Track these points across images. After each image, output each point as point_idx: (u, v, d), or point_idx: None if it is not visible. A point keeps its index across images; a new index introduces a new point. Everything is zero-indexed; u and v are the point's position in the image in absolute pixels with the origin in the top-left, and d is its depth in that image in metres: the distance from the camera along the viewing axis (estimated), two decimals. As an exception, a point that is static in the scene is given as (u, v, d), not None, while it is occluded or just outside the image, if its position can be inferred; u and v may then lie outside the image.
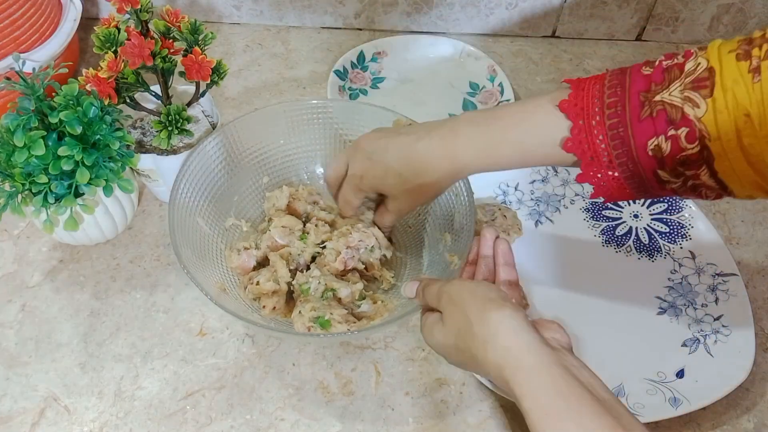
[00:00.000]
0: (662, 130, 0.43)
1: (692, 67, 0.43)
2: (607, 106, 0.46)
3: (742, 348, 0.61)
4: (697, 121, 0.42)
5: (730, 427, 0.59)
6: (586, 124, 0.47)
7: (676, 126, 0.43)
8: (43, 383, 0.60)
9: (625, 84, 0.46)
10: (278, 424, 0.58)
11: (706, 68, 0.42)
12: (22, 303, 0.65)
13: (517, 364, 0.41)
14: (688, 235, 0.71)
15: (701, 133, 0.42)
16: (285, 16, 0.95)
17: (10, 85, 0.55)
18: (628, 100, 0.45)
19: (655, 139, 0.44)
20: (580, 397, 0.39)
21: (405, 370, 0.62)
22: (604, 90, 0.46)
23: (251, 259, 0.63)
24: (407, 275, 0.64)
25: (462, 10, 0.92)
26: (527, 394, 0.40)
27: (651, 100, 0.44)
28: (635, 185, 0.47)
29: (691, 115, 0.42)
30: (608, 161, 0.46)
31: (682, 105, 0.42)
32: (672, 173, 0.45)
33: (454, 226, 0.62)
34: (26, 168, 0.56)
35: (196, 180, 0.63)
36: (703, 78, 0.42)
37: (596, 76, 0.48)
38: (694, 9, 0.91)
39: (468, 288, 0.47)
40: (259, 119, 0.66)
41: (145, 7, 0.59)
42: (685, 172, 0.44)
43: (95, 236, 0.66)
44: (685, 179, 0.44)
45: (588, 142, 0.47)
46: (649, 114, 0.44)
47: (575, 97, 0.48)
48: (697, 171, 0.44)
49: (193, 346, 0.63)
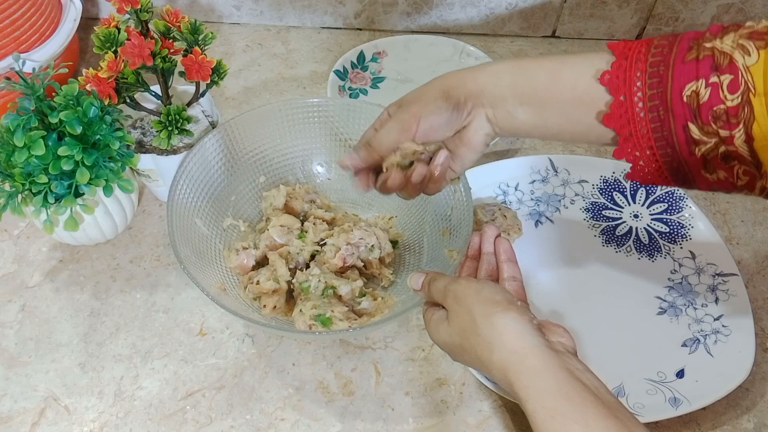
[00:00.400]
0: (704, 74, 0.40)
1: (753, 23, 0.40)
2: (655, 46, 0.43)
3: (742, 348, 0.61)
4: (744, 70, 0.39)
5: (730, 427, 0.59)
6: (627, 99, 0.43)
7: (720, 71, 0.40)
8: (43, 383, 0.60)
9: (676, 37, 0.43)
10: (278, 424, 0.58)
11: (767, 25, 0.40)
12: (22, 303, 0.65)
13: (522, 367, 0.41)
14: (688, 235, 0.71)
15: (746, 85, 0.39)
16: (285, 16, 0.95)
17: (10, 85, 0.55)
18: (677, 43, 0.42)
19: (695, 83, 0.40)
20: (585, 400, 0.39)
21: (405, 370, 0.62)
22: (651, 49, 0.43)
23: (250, 259, 0.63)
24: (407, 272, 0.64)
25: (462, 10, 0.92)
26: (531, 396, 0.40)
27: (701, 45, 0.41)
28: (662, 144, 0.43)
29: (740, 62, 0.39)
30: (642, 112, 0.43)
31: (732, 52, 0.39)
32: (704, 129, 0.41)
33: (452, 222, 0.62)
34: (26, 168, 0.56)
35: (195, 179, 0.63)
36: (762, 32, 0.39)
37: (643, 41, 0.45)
38: (694, 9, 0.91)
39: (474, 288, 0.47)
40: (257, 117, 0.66)
41: (145, 7, 0.59)
42: (719, 131, 0.41)
43: (95, 236, 0.66)
44: (717, 142, 0.41)
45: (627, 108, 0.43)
46: (695, 57, 0.41)
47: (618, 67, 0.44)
48: (732, 132, 0.40)
49: (193, 346, 0.63)
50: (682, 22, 0.92)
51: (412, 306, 0.54)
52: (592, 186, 0.75)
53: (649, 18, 0.93)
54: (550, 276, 0.68)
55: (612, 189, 0.75)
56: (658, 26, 0.94)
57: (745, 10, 0.90)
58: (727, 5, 0.90)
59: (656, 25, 0.94)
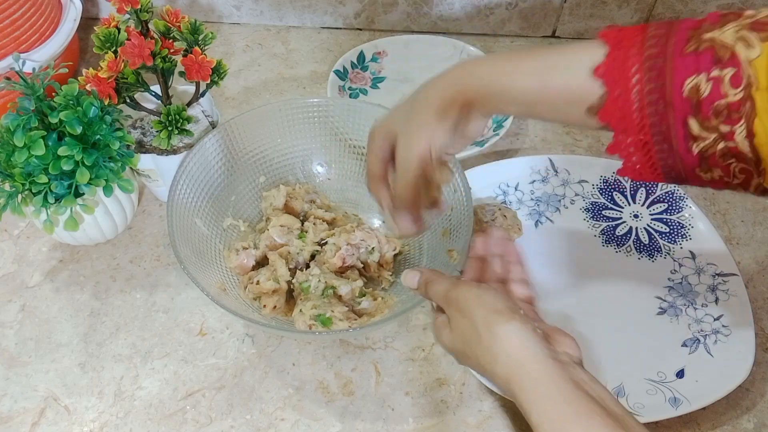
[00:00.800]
0: (705, 68, 0.39)
1: (753, 13, 0.39)
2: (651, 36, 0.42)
3: (742, 348, 0.61)
4: (747, 63, 0.37)
5: (730, 427, 0.59)
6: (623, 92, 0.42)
7: (722, 65, 0.38)
8: (43, 383, 0.60)
9: (673, 25, 0.42)
10: (278, 423, 0.58)
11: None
12: (22, 303, 0.65)
13: (526, 378, 0.41)
14: (688, 235, 0.71)
15: (749, 79, 0.38)
16: (285, 16, 0.95)
17: (10, 85, 0.55)
18: (675, 33, 0.41)
19: (696, 77, 0.39)
20: (591, 411, 0.39)
21: (405, 370, 0.62)
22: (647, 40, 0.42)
23: (250, 259, 0.63)
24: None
25: (462, 10, 0.92)
26: (536, 408, 0.40)
27: (700, 36, 0.39)
28: (659, 142, 0.43)
29: (742, 55, 0.38)
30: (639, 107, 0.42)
31: (734, 44, 0.38)
32: (704, 125, 0.40)
33: (452, 222, 0.62)
34: (26, 168, 0.56)
35: (195, 179, 0.63)
36: (764, 22, 0.38)
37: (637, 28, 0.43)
38: (694, 9, 0.91)
39: (475, 295, 0.46)
40: (257, 117, 0.66)
41: (145, 7, 0.59)
42: (719, 126, 0.40)
43: (95, 236, 0.67)
44: (717, 138, 0.40)
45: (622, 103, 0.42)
46: (695, 49, 0.39)
47: (613, 58, 0.43)
48: (733, 127, 0.39)
49: (193, 346, 0.63)
50: (682, 22, 0.93)
51: (412, 306, 0.54)
52: (592, 186, 0.75)
53: (649, 18, 0.93)
54: (550, 276, 0.68)
55: (612, 189, 0.75)
56: (658, 26, 0.94)
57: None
58: (727, 5, 0.90)
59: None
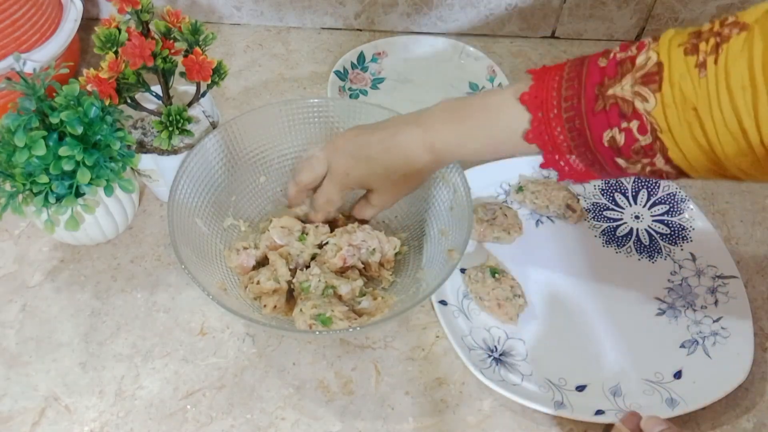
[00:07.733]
0: (615, 123, 0.45)
1: (643, 61, 0.44)
2: (564, 99, 0.47)
3: (740, 350, 0.61)
4: (647, 114, 0.43)
5: (729, 427, 0.59)
6: (545, 117, 0.48)
7: (628, 119, 0.44)
8: (44, 383, 0.60)
9: (582, 76, 0.47)
10: (278, 423, 0.58)
11: (655, 63, 0.43)
12: (22, 303, 0.65)
13: None
14: (688, 236, 0.71)
15: (652, 126, 0.43)
16: (285, 17, 0.95)
17: (11, 86, 0.55)
18: (584, 92, 0.46)
19: (610, 131, 0.45)
20: None
21: (405, 370, 0.62)
22: (563, 83, 0.48)
23: (251, 259, 0.63)
24: (407, 272, 0.65)
25: (462, 10, 0.92)
26: None
27: (604, 94, 0.45)
28: (597, 170, 0.49)
29: (641, 108, 0.43)
30: (568, 150, 0.48)
31: (633, 99, 0.44)
32: (629, 161, 0.46)
33: (452, 222, 0.62)
34: (27, 168, 0.56)
35: (195, 179, 0.63)
36: (652, 73, 0.43)
37: (557, 66, 0.49)
38: (694, 9, 0.91)
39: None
40: (257, 118, 0.66)
41: (145, 7, 0.59)
42: (641, 159, 0.45)
43: (96, 236, 0.67)
44: (643, 166, 0.46)
45: (548, 134, 0.48)
46: (603, 108, 0.45)
47: (536, 88, 0.49)
48: (652, 159, 0.45)
49: (193, 346, 0.63)
50: (681, 22, 0.93)
51: (412, 306, 0.54)
52: (594, 186, 0.75)
53: (648, 18, 0.93)
54: (550, 276, 0.68)
55: (613, 190, 0.75)
56: (658, 27, 0.94)
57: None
58: (726, 5, 0.90)
59: (655, 26, 0.94)
